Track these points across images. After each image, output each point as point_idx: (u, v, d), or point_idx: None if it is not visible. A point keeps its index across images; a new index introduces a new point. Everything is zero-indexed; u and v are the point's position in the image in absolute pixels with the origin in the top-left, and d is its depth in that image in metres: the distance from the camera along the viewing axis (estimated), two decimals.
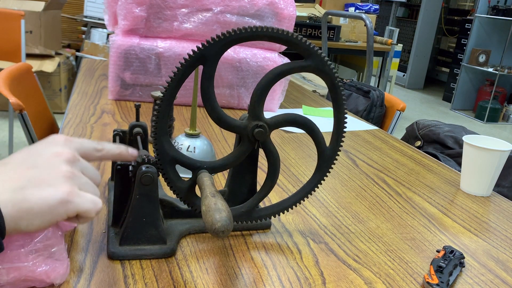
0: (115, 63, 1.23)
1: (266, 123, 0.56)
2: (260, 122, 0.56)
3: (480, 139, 0.89)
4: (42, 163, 0.42)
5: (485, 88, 5.37)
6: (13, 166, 0.42)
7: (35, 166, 0.42)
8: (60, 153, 0.43)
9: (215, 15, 1.25)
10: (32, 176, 0.41)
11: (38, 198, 0.40)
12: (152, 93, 0.84)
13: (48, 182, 0.41)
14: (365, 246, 0.65)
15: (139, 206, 0.55)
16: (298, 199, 0.63)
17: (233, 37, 0.52)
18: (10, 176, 0.40)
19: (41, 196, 0.40)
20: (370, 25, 2.35)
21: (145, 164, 0.54)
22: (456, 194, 0.89)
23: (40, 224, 0.41)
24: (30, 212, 0.40)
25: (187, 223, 0.63)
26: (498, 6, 5.28)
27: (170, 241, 0.58)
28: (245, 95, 1.32)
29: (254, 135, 0.56)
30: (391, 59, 3.91)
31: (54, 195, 0.41)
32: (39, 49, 3.36)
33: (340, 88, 0.57)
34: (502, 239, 0.72)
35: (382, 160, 1.04)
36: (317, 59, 0.55)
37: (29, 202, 0.39)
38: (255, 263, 0.58)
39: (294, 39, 0.53)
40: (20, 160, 0.42)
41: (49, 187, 0.41)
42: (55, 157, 0.43)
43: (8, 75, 1.32)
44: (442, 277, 0.57)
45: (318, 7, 4.10)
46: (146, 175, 0.53)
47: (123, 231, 0.56)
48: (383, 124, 1.70)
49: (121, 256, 0.55)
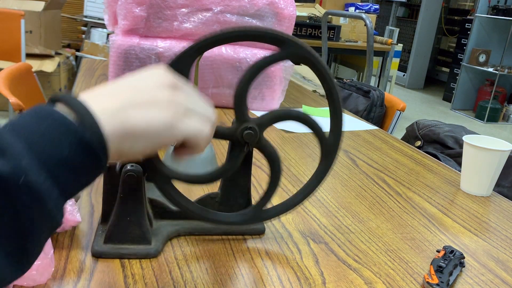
0: (115, 63, 1.23)
1: (256, 124, 0.54)
2: (248, 124, 0.53)
3: (480, 139, 0.89)
4: (144, 87, 0.40)
5: (485, 88, 5.37)
6: (113, 89, 0.39)
7: (137, 89, 0.39)
8: (162, 78, 0.41)
9: (215, 15, 1.25)
10: (134, 98, 0.38)
11: (141, 119, 0.38)
12: None
13: (151, 105, 0.39)
14: (365, 246, 0.65)
15: (123, 205, 0.54)
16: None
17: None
18: (111, 98, 0.38)
19: (144, 117, 0.38)
20: (370, 25, 2.35)
21: (130, 163, 0.53)
22: (456, 194, 0.89)
23: (144, 146, 0.38)
24: (134, 134, 0.37)
25: (177, 224, 0.62)
26: (498, 6, 5.27)
27: (156, 242, 0.58)
28: None
29: (243, 137, 0.53)
30: (391, 59, 3.91)
31: (158, 117, 0.38)
32: (39, 49, 3.36)
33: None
34: (502, 239, 0.72)
35: (382, 160, 1.03)
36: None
37: (132, 122, 0.37)
38: (255, 263, 0.58)
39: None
40: (120, 84, 0.40)
41: (152, 109, 0.38)
42: (158, 81, 0.40)
43: (8, 75, 1.32)
44: (442, 277, 0.57)
45: (318, 7, 4.10)
46: (130, 174, 0.53)
47: (107, 230, 0.55)
48: (383, 124, 1.70)
49: (103, 254, 0.55)
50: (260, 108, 1.35)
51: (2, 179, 0.29)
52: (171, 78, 0.41)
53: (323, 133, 0.57)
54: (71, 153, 0.33)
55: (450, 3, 6.83)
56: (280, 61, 0.53)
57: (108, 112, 0.36)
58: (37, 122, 0.33)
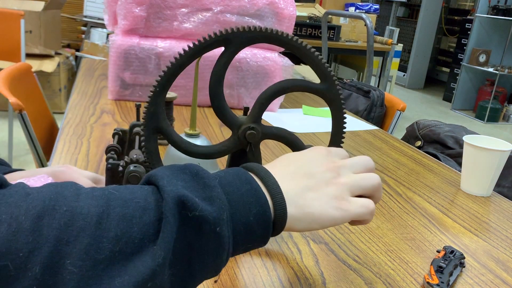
0: (115, 63, 1.23)
1: (262, 130, 0.56)
2: (257, 125, 0.56)
3: (481, 139, 0.89)
4: (315, 172, 0.45)
5: (485, 88, 5.36)
6: (292, 171, 0.45)
7: (311, 174, 0.45)
8: (327, 162, 0.46)
9: (215, 15, 1.25)
10: (309, 184, 0.44)
11: (318, 206, 0.43)
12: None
13: (324, 192, 0.44)
14: (365, 246, 0.65)
15: None
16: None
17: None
18: (292, 181, 0.43)
19: (320, 205, 0.43)
20: (370, 25, 2.35)
21: (133, 164, 0.54)
22: (456, 194, 0.88)
23: (317, 228, 0.43)
24: (310, 218, 0.42)
25: None
26: (498, 6, 5.27)
27: None
28: (245, 95, 1.32)
29: (246, 135, 0.55)
30: (391, 59, 3.91)
31: (331, 204, 0.43)
32: (39, 49, 3.36)
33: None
34: (503, 239, 0.72)
35: (382, 160, 1.03)
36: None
37: (311, 208, 0.42)
38: (255, 263, 0.58)
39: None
40: (297, 166, 0.45)
41: (325, 196, 0.43)
42: (324, 165, 0.46)
43: (8, 75, 1.31)
44: (442, 277, 0.57)
45: (318, 7, 4.09)
46: (133, 175, 0.53)
47: None
48: (383, 124, 1.70)
49: None
50: None
51: (209, 222, 0.36)
52: (332, 160, 0.47)
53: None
54: (254, 221, 0.39)
55: (450, 3, 6.83)
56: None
57: (291, 195, 0.42)
58: (239, 184, 0.40)
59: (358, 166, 0.48)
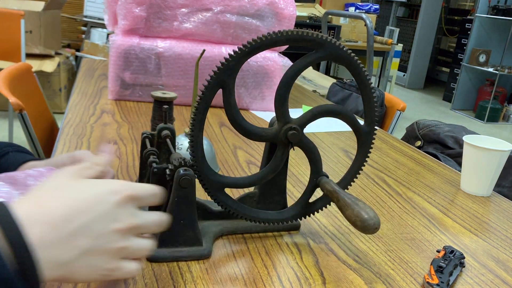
0: (115, 63, 1.23)
1: (297, 124, 0.59)
2: (291, 124, 0.58)
3: (480, 139, 0.89)
4: (101, 234, 0.41)
5: (485, 88, 5.37)
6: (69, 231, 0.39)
7: (95, 236, 0.40)
8: (120, 224, 0.42)
9: (215, 15, 1.25)
10: (88, 247, 0.40)
11: (86, 274, 0.40)
12: (152, 93, 0.84)
13: (99, 259, 0.41)
14: (365, 246, 0.65)
15: (177, 208, 0.55)
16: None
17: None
18: (65, 245, 0.39)
19: (89, 273, 0.41)
20: (370, 25, 2.35)
21: (182, 167, 0.54)
22: (456, 194, 0.89)
23: (82, 281, 0.42)
24: (73, 279, 0.40)
25: (219, 224, 0.64)
26: (498, 6, 5.27)
27: (206, 242, 0.59)
28: (245, 95, 1.32)
29: (288, 138, 0.58)
30: (391, 59, 3.91)
31: (100, 272, 0.41)
32: (39, 49, 3.36)
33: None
34: (502, 239, 0.72)
35: (382, 160, 1.03)
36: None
37: (75, 274, 0.40)
38: (255, 263, 0.58)
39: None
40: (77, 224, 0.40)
41: (98, 264, 0.41)
42: (115, 227, 0.42)
43: (8, 75, 1.31)
44: (442, 277, 0.57)
45: (318, 7, 4.09)
46: (185, 178, 0.54)
47: (161, 234, 0.56)
48: (383, 124, 1.70)
49: (160, 259, 0.56)
50: (260, 108, 1.35)
51: None
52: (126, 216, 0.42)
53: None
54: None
55: (450, 3, 6.83)
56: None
57: (50, 263, 0.38)
58: None
59: (150, 228, 0.45)
